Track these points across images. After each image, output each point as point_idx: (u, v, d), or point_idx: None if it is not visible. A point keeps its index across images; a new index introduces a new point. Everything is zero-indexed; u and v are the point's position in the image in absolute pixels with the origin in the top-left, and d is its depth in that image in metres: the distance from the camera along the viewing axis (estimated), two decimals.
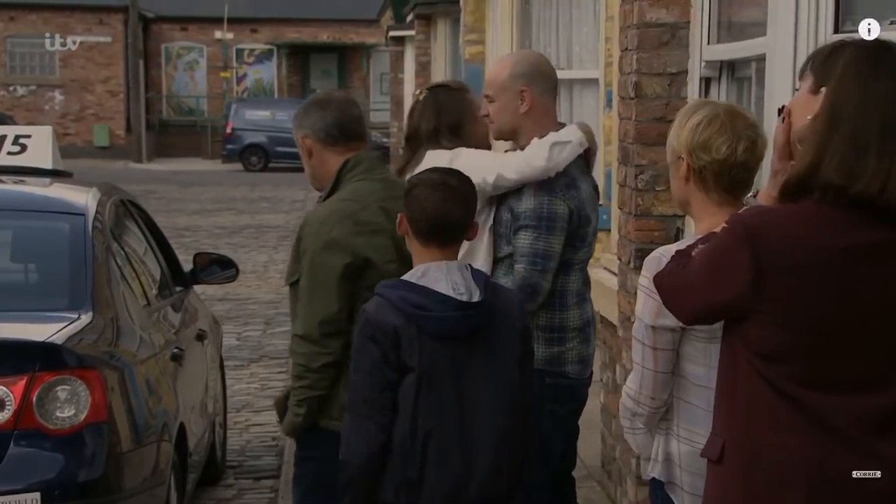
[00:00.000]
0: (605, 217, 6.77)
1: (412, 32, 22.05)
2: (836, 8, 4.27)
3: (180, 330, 6.48)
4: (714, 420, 2.98)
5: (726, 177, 3.32)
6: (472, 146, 4.77)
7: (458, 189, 3.73)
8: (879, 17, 4.23)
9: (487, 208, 4.65)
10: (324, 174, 4.48)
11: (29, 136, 6.53)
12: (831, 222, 2.76)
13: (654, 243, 5.72)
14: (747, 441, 2.84)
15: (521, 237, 4.57)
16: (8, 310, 5.30)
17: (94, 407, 4.80)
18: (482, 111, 4.78)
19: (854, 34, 3.21)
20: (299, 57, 45.58)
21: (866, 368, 2.79)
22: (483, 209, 4.55)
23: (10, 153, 6.41)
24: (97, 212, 5.81)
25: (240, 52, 45.26)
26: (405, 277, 3.72)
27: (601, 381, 6.66)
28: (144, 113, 40.24)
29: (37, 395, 4.73)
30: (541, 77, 4.74)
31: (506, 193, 4.64)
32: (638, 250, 5.77)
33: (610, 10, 7.78)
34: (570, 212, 4.58)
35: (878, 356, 2.79)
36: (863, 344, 2.78)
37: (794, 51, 4.38)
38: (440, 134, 4.81)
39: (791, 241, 2.77)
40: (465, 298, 3.64)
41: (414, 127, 4.90)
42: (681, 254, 3.09)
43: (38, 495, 4.69)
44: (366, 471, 3.67)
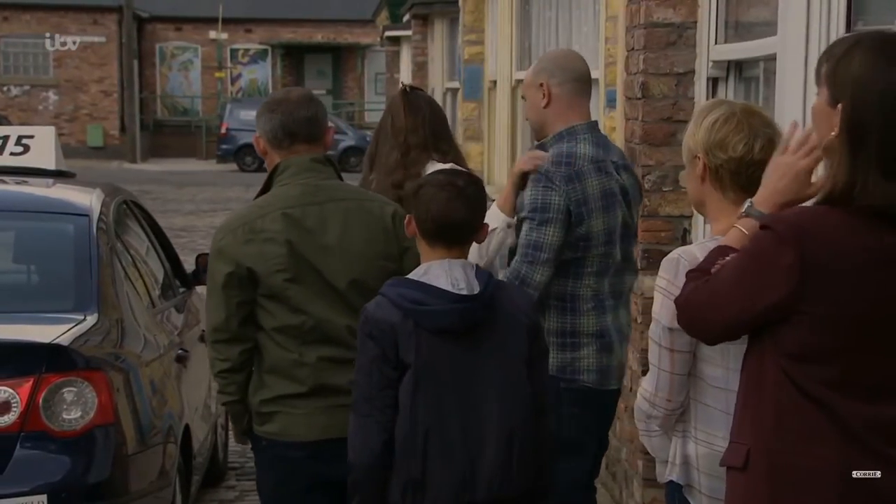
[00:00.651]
0: None
1: (409, 32, 22.01)
2: (847, 6, 4.23)
3: (184, 331, 6.45)
4: (736, 426, 2.95)
5: (743, 175, 3.29)
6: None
7: (464, 190, 3.70)
8: (893, 15, 4.22)
9: None
10: None
11: (32, 137, 6.51)
12: (867, 225, 2.76)
13: (660, 244, 5.72)
14: (776, 449, 2.81)
15: (521, 229, 4.52)
16: (13, 311, 5.28)
17: (101, 409, 4.77)
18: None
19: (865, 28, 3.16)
20: (294, 57, 45.53)
21: None
22: None
23: (12, 154, 6.39)
24: (101, 212, 5.79)
25: (234, 53, 45.21)
26: (409, 276, 3.70)
27: None
28: (139, 113, 40.18)
29: (43, 396, 4.70)
30: (559, 70, 4.71)
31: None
32: (645, 251, 5.76)
33: (610, 10, 7.75)
34: (566, 203, 4.47)
35: None
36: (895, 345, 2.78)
37: (806, 50, 4.35)
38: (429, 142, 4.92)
39: (833, 242, 2.76)
40: (464, 292, 3.60)
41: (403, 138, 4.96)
42: (697, 271, 3.01)
43: (44, 498, 4.67)
44: (370, 471, 3.63)
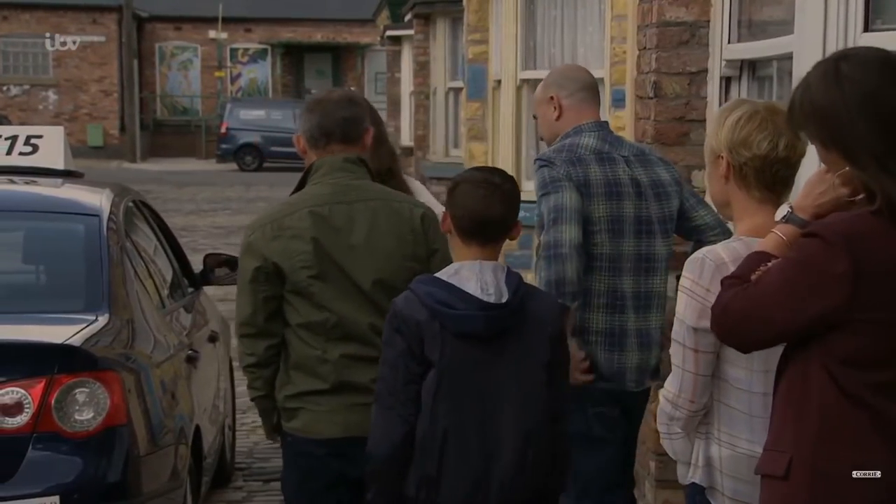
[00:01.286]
0: None
1: (410, 32, 21.95)
2: (865, 5, 4.21)
3: (192, 331, 6.43)
4: (774, 434, 2.92)
5: (768, 173, 3.26)
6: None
7: (500, 187, 3.68)
8: None
9: None
10: None
11: (41, 137, 6.48)
12: None
13: (675, 244, 5.68)
14: (819, 457, 2.79)
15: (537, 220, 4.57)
16: (24, 311, 5.25)
17: (113, 409, 4.74)
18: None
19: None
20: (293, 57, 45.51)
21: None
22: None
23: (21, 154, 6.37)
24: (111, 212, 5.77)
25: (234, 52, 45.18)
26: (439, 274, 3.68)
27: None
28: (138, 112, 40.15)
29: (55, 397, 4.67)
30: (567, 81, 4.76)
31: None
32: None
33: (615, 8, 7.73)
34: (565, 174, 4.49)
35: None
36: None
37: (823, 49, 4.31)
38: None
39: (881, 248, 2.75)
40: (492, 300, 3.58)
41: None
42: (734, 278, 2.97)
43: (56, 499, 4.63)
44: (389, 462, 3.63)
